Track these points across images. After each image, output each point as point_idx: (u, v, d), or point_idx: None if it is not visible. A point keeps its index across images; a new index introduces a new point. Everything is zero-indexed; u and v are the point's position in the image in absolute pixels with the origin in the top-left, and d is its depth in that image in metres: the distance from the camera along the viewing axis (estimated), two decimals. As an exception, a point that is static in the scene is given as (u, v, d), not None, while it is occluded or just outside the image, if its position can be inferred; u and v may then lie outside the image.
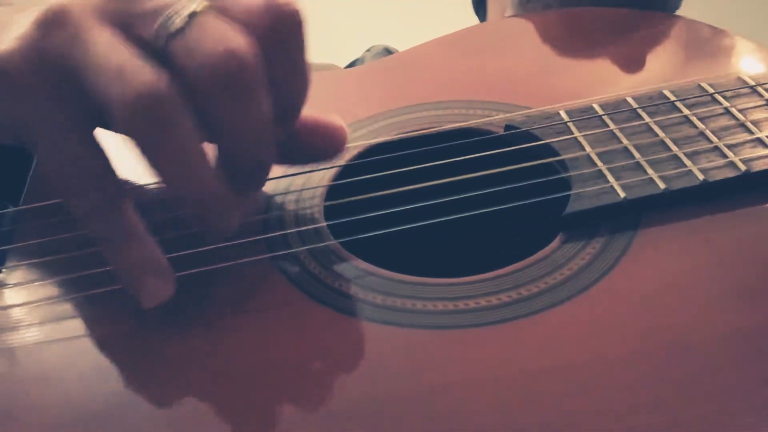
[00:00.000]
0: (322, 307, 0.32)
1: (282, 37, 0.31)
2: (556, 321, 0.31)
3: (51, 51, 0.30)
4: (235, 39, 0.29)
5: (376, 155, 0.40)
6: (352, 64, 0.75)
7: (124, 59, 0.29)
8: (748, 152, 0.36)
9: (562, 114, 0.40)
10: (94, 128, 0.32)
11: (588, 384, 0.28)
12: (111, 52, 0.30)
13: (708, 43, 0.47)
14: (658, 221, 0.35)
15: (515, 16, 0.59)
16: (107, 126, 0.33)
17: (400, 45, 0.72)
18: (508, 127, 0.41)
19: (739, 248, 0.33)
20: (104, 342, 0.32)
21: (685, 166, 0.36)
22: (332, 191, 0.39)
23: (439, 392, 0.29)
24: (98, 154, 0.31)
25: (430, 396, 0.28)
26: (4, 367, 0.31)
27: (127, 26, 0.31)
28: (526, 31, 0.51)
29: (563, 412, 0.27)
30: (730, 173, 0.35)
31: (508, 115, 0.42)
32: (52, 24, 0.31)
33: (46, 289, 0.34)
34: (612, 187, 0.36)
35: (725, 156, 0.36)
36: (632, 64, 0.46)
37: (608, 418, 0.27)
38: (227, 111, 0.30)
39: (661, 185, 0.35)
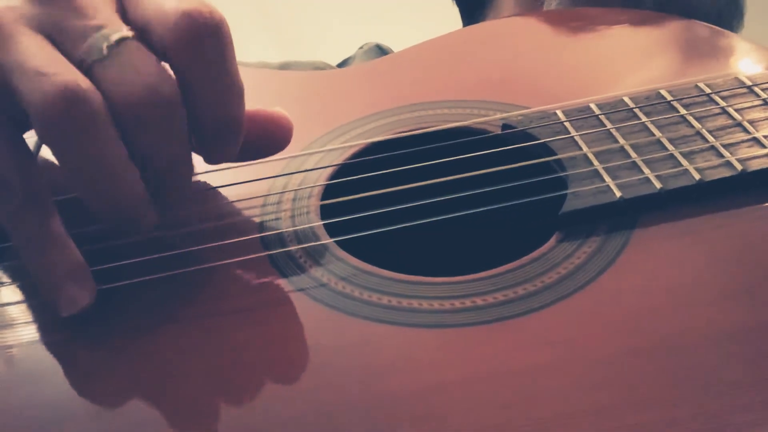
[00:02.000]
0: (318, 306, 0.32)
1: (203, 51, 0.31)
2: (551, 320, 0.31)
3: None
4: (153, 73, 0.30)
5: (372, 154, 0.40)
6: (344, 62, 0.75)
7: (45, 61, 0.30)
8: (745, 152, 0.36)
9: (559, 113, 0.40)
10: (19, 131, 0.32)
11: (584, 382, 0.28)
12: (34, 54, 0.30)
13: (706, 43, 0.47)
14: (654, 221, 0.35)
15: (512, 15, 0.59)
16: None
17: (392, 42, 0.73)
18: (505, 127, 0.41)
19: (735, 248, 0.33)
20: (77, 344, 0.32)
21: (682, 165, 0.36)
22: (328, 190, 0.39)
23: (435, 391, 0.29)
24: (23, 160, 0.31)
25: (425, 394, 0.28)
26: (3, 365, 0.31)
27: (55, 36, 0.31)
28: (523, 30, 0.51)
29: (559, 411, 0.27)
30: (726, 173, 0.35)
31: (505, 114, 0.42)
32: None
33: (18, 291, 0.34)
34: (608, 186, 0.36)
35: (721, 156, 0.36)
36: (630, 64, 0.46)
37: (604, 416, 0.27)
38: (141, 136, 0.30)
39: (658, 185, 0.35)
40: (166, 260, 0.34)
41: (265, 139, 0.36)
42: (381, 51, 0.72)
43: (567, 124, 0.40)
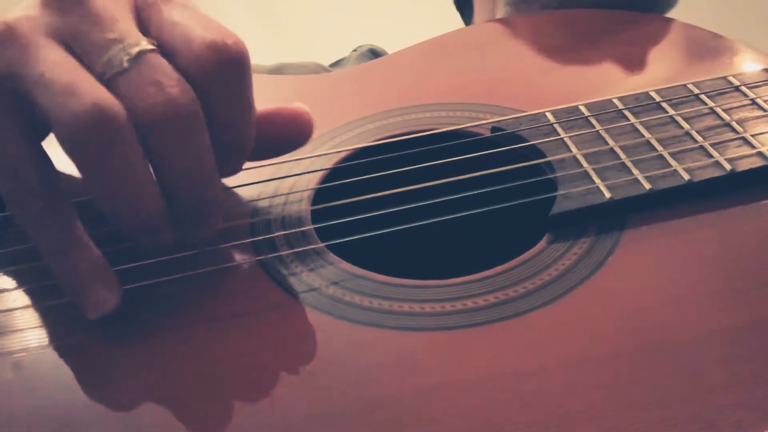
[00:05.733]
0: (309, 310, 0.32)
1: (225, 80, 0.31)
2: (543, 321, 0.31)
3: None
4: (174, 87, 0.30)
5: (363, 158, 0.40)
6: (336, 63, 0.75)
7: (71, 78, 0.30)
8: (734, 152, 0.37)
9: (549, 115, 0.40)
10: (39, 140, 0.32)
11: (576, 384, 0.28)
12: (58, 69, 0.30)
13: (697, 44, 0.47)
14: (644, 221, 0.35)
15: (504, 18, 0.59)
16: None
17: (386, 44, 0.73)
18: (494, 129, 0.41)
19: (725, 247, 0.33)
20: (83, 349, 0.32)
21: (671, 166, 0.36)
22: (319, 194, 0.39)
23: (428, 394, 0.29)
24: (43, 165, 0.31)
25: (418, 398, 0.28)
26: None
27: (76, 48, 0.31)
28: (514, 33, 0.51)
29: (551, 413, 0.27)
30: (715, 173, 0.36)
31: (495, 117, 0.42)
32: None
33: (31, 294, 0.34)
34: (598, 187, 0.36)
35: (710, 156, 0.37)
36: (621, 66, 0.46)
37: (597, 417, 0.27)
38: (165, 154, 0.31)
39: (647, 185, 0.35)
40: (157, 266, 0.34)
41: (288, 136, 0.36)
42: (374, 55, 0.72)
43: (556, 125, 0.40)
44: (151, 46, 0.31)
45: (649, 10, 0.52)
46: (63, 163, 0.31)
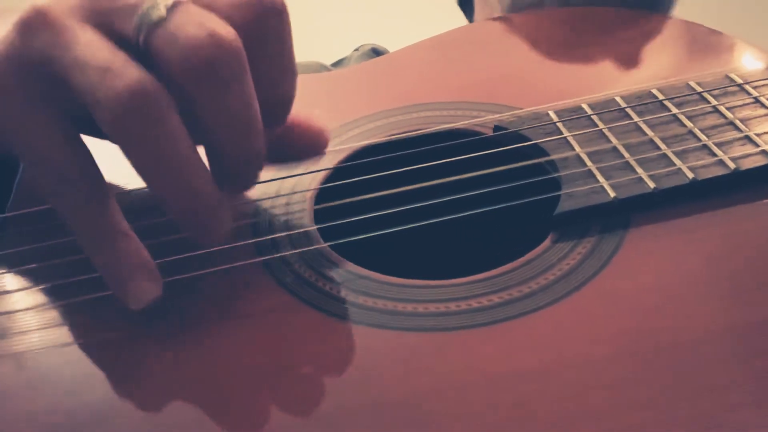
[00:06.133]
0: (312, 311, 0.32)
1: (266, 30, 0.31)
2: (547, 322, 0.31)
3: (33, 55, 0.30)
4: (218, 25, 0.29)
5: (365, 157, 0.40)
6: (338, 62, 0.74)
7: (108, 58, 0.29)
8: (737, 150, 0.36)
9: (551, 114, 0.40)
10: (78, 130, 0.32)
11: (580, 384, 0.28)
12: (95, 51, 0.29)
13: (698, 42, 0.47)
14: (648, 220, 0.35)
15: (506, 15, 0.58)
16: (90, 130, 0.33)
17: (388, 44, 0.72)
18: (497, 128, 0.41)
19: (728, 246, 0.33)
20: (90, 349, 0.32)
21: (675, 165, 0.36)
22: (322, 194, 0.39)
23: (431, 395, 0.28)
24: (83, 156, 0.31)
25: (421, 399, 0.28)
26: None
27: (107, 24, 0.30)
28: (515, 31, 0.51)
29: (555, 413, 0.27)
30: (719, 171, 0.35)
31: (497, 116, 0.42)
32: (32, 27, 0.30)
33: (33, 296, 0.34)
34: (602, 186, 0.36)
35: (714, 154, 0.36)
36: (623, 64, 0.46)
37: (600, 417, 0.27)
38: (212, 100, 0.30)
39: (651, 184, 0.35)
40: (160, 267, 0.34)
41: (303, 145, 0.36)
42: (376, 54, 0.72)
43: (559, 124, 0.40)
44: None
45: (647, 9, 0.52)
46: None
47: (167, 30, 0.29)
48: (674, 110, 0.39)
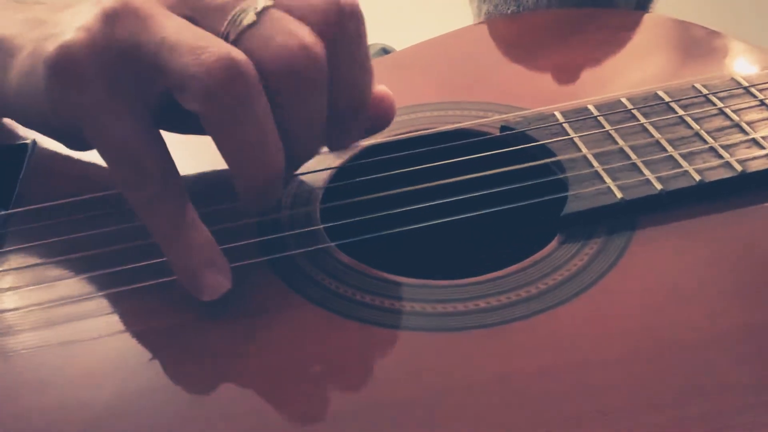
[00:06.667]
0: (320, 310, 0.32)
1: (344, 33, 0.31)
2: (555, 322, 0.31)
3: (119, 43, 0.30)
4: (307, 35, 0.30)
5: (371, 157, 0.40)
6: None
7: (200, 36, 0.30)
8: (744, 153, 0.37)
9: (558, 115, 0.40)
10: (156, 122, 0.32)
11: (588, 385, 0.28)
12: (185, 31, 0.30)
13: (701, 44, 0.47)
14: (655, 222, 0.35)
15: (513, 15, 0.59)
16: (166, 125, 0.33)
17: (398, 43, 0.72)
18: (503, 128, 0.41)
19: (735, 248, 0.33)
20: (96, 347, 0.32)
21: (681, 166, 0.36)
22: (328, 193, 0.38)
23: (440, 395, 0.28)
24: (161, 148, 0.31)
25: (430, 399, 0.28)
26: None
27: (193, 20, 0.31)
28: (521, 31, 0.51)
29: (564, 414, 0.27)
30: (726, 174, 0.36)
31: (504, 116, 0.42)
32: (118, 15, 0.30)
33: (38, 293, 0.34)
34: (609, 188, 0.36)
35: (721, 157, 0.36)
36: (628, 65, 0.46)
37: (609, 418, 0.27)
38: (293, 104, 0.31)
39: (658, 186, 0.35)
40: (160, 266, 0.34)
41: (372, 117, 0.36)
42: (386, 53, 0.72)
43: (566, 125, 0.40)
44: (272, 2, 0.31)
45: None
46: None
47: (258, 35, 0.30)
48: (681, 112, 0.39)
